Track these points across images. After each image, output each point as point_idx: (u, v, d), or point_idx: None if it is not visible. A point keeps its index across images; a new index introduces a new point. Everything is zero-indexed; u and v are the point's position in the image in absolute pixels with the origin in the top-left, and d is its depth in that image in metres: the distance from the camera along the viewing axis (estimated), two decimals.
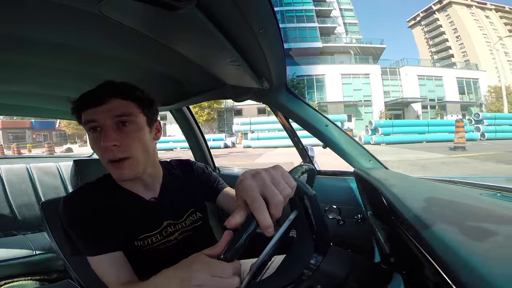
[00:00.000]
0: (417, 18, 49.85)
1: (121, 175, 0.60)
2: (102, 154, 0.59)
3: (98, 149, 0.59)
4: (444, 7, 43.44)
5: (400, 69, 23.92)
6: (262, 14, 0.52)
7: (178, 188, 0.76)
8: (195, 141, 1.59)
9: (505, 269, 0.19)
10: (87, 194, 0.65)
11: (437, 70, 25.24)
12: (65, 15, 0.53)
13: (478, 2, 42.38)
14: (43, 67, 0.85)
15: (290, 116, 1.10)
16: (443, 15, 44.12)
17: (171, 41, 0.64)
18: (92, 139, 0.60)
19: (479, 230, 0.30)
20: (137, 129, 0.62)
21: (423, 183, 0.70)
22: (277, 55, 0.73)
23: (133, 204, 0.67)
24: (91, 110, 0.58)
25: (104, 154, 0.58)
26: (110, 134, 0.57)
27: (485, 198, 0.65)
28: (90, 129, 0.59)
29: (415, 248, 0.41)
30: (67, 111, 0.67)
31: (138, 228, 0.66)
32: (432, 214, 0.36)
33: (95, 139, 0.59)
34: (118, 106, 0.59)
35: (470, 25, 40.86)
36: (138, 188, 0.69)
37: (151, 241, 0.66)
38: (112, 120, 0.58)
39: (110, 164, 0.59)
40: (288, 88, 1.01)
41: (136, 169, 0.62)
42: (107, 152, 0.58)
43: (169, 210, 0.71)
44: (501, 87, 21.31)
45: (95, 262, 0.60)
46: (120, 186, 0.68)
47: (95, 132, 0.59)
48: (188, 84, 1.03)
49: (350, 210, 1.09)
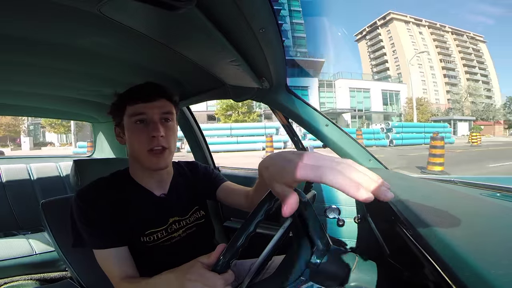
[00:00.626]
0: (363, 32, 52.68)
1: (158, 163, 0.67)
2: (145, 143, 0.65)
3: (142, 138, 0.65)
4: (386, 23, 46.54)
5: (336, 82, 26.79)
6: (262, 14, 0.52)
7: (185, 187, 0.79)
8: (195, 141, 1.59)
9: (504, 269, 0.19)
10: (101, 189, 0.67)
11: (365, 82, 28.33)
12: (65, 15, 0.53)
13: (415, 19, 46.20)
14: (43, 67, 0.85)
15: (290, 116, 1.10)
16: (384, 31, 47.29)
17: (171, 41, 0.64)
18: (135, 130, 0.66)
19: (479, 230, 0.30)
20: (174, 126, 0.71)
21: (423, 183, 0.70)
22: (277, 55, 0.73)
23: (144, 200, 0.70)
24: (141, 105, 0.65)
25: (148, 143, 0.65)
26: (159, 126, 0.65)
27: (485, 198, 0.65)
28: (137, 121, 0.66)
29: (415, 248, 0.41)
30: (67, 111, 0.68)
31: (146, 223, 0.68)
32: (432, 214, 0.36)
33: (140, 130, 0.66)
34: (164, 105, 0.68)
35: (405, 40, 44.56)
36: (152, 184, 0.72)
37: (157, 237, 0.69)
38: (159, 116, 0.67)
39: (150, 153, 0.65)
40: (288, 88, 1.01)
41: (168, 160, 0.70)
42: (153, 141, 0.65)
43: (175, 207, 0.74)
44: (412, 98, 25.42)
45: (100, 255, 0.62)
46: (134, 181, 0.72)
47: (141, 123, 0.66)
48: (188, 84, 1.03)
49: (350, 210, 1.09)
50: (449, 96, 40.87)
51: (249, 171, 1.58)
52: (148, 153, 0.66)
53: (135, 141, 0.67)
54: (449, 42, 47.44)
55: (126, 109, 0.67)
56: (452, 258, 0.23)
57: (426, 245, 0.28)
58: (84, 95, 1.29)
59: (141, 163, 0.68)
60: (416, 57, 40.37)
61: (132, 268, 0.62)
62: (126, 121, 0.68)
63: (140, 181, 0.72)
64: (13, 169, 1.76)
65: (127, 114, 0.67)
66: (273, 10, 0.52)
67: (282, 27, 28.75)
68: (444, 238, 0.25)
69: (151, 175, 0.72)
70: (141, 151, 0.66)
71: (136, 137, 0.66)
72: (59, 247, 0.78)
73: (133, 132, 0.66)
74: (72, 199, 0.65)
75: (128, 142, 0.69)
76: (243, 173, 1.55)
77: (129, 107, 0.66)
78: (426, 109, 28.75)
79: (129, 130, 0.67)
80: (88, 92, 1.24)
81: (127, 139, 0.69)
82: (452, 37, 48.16)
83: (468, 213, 0.39)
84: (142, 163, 0.68)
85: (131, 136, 0.67)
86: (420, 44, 44.30)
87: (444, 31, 47.96)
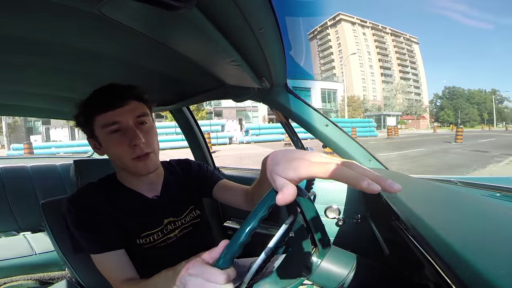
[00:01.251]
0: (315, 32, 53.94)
1: (147, 168, 0.64)
2: (128, 152, 0.61)
3: (122, 149, 0.61)
4: (335, 24, 49.36)
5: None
6: (262, 14, 0.52)
7: (178, 186, 0.77)
8: (195, 141, 1.59)
9: (505, 269, 0.19)
10: (91, 193, 0.66)
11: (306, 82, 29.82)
12: (65, 15, 0.53)
13: (361, 20, 49.38)
14: (43, 67, 0.85)
15: (290, 116, 1.10)
16: (333, 31, 50.13)
17: (171, 41, 0.64)
18: (113, 140, 0.61)
19: (479, 230, 0.30)
20: (152, 127, 0.67)
21: (423, 183, 0.70)
22: (277, 55, 0.73)
23: (137, 203, 0.69)
24: (110, 113, 0.60)
25: (131, 151, 0.61)
26: (137, 133, 0.61)
27: (485, 198, 0.65)
28: (112, 131, 0.61)
29: (415, 248, 0.41)
30: (67, 111, 0.68)
31: (141, 226, 0.67)
32: (432, 214, 0.36)
33: (118, 140, 0.61)
34: (136, 107, 0.63)
35: (350, 40, 47.83)
36: (142, 187, 0.71)
37: (153, 239, 0.68)
38: (134, 120, 0.62)
39: (136, 160, 0.62)
40: (288, 88, 1.01)
41: (157, 162, 0.67)
42: (136, 149, 0.61)
43: (170, 208, 0.73)
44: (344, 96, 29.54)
45: (98, 259, 0.61)
46: (124, 186, 0.70)
47: (117, 132, 0.61)
48: (188, 84, 1.03)
49: (350, 210, 1.08)
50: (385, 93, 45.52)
51: (249, 171, 1.58)
52: (134, 161, 0.63)
53: (116, 153, 0.63)
54: (388, 43, 51.77)
55: (95, 120, 0.62)
56: (453, 258, 0.23)
57: (426, 245, 0.28)
58: (84, 95, 1.29)
59: (128, 170, 0.66)
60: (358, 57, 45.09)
61: (131, 270, 0.61)
62: (99, 132, 0.62)
63: (130, 185, 0.70)
64: (13, 169, 1.76)
65: (98, 125, 0.62)
66: (273, 10, 0.52)
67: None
68: (444, 238, 0.25)
69: (141, 179, 0.69)
70: (125, 160, 0.63)
71: (116, 148, 0.62)
72: (59, 247, 0.78)
73: (111, 144, 0.62)
74: (63, 207, 0.63)
75: (109, 154, 0.65)
76: (242, 173, 1.55)
77: (98, 117, 0.61)
78: (359, 106, 33.09)
79: (106, 141, 0.62)
80: (88, 92, 1.24)
81: (105, 150, 0.65)
82: (391, 38, 52.47)
83: (468, 213, 0.39)
84: (130, 170, 0.65)
85: (109, 148, 0.63)
86: (362, 45, 48.31)
87: (385, 33, 52.00)
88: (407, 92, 46.56)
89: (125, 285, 0.58)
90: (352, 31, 48.57)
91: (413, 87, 50.84)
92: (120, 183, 0.70)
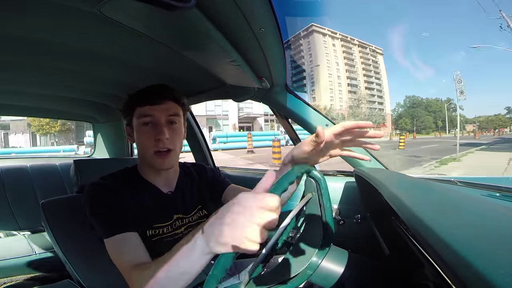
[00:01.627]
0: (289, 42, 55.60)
1: (163, 164, 0.70)
2: (151, 144, 0.68)
3: (148, 140, 0.68)
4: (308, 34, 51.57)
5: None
6: (262, 14, 0.52)
7: (191, 186, 0.82)
8: (195, 142, 1.59)
9: (505, 269, 0.19)
10: (115, 180, 0.70)
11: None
12: (65, 15, 0.53)
13: (332, 32, 52.19)
14: (43, 67, 0.85)
15: (290, 116, 1.10)
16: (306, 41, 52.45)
17: (171, 41, 0.64)
18: (143, 132, 0.69)
19: (479, 230, 0.30)
20: (180, 128, 0.73)
21: (423, 183, 0.70)
22: (277, 55, 0.73)
23: (152, 195, 0.73)
24: (148, 107, 0.68)
25: (154, 144, 0.68)
26: (165, 129, 0.68)
27: (485, 198, 0.65)
28: (144, 123, 0.68)
29: (415, 248, 0.41)
30: (67, 111, 0.68)
31: (153, 217, 0.70)
32: (432, 214, 0.36)
33: (147, 131, 0.68)
34: (171, 107, 0.70)
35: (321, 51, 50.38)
36: (159, 182, 0.75)
37: (162, 232, 0.71)
38: (165, 118, 0.69)
39: (156, 154, 0.68)
40: (288, 88, 1.01)
41: (174, 160, 0.73)
42: (158, 143, 0.68)
43: (180, 205, 0.77)
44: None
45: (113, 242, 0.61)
46: (143, 179, 0.74)
47: (148, 125, 0.68)
48: (188, 84, 1.03)
49: (350, 210, 1.08)
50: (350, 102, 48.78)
51: (249, 171, 1.58)
52: (154, 154, 0.69)
53: (142, 142, 0.70)
54: (355, 54, 54.19)
55: (135, 110, 0.69)
56: (453, 258, 0.23)
57: (426, 244, 0.28)
58: (84, 95, 1.29)
59: (147, 162, 0.72)
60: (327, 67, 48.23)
61: (145, 255, 0.60)
62: (135, 122, 0.70)
63: (148, 178, 0.74)
64: (13, 169, 1.76)
65: (136, 115, 0.69)
66: (273, 10, 0.52)
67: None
68: (444, 238, 0.25)
69: (159, 173, 0.74)
70: (147, 151, 0.69)
71: (143, 138, 0.69)
72: (59, 247, 0.78)
73: (140, 133, 0.69)
74: (86, 191, 0.66)
75: (137, 142, 0.72)
76: (243, 173, 1.55)
77: (138, 109, 0.69)
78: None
79: (137, 131, 0.70)
80: (88, 92, 1.24)
81: (135, 139, 0.71)
82: (358, 49, 55.09)
83: (468, 213, 0.39)
84: (149, 163, 0.71)
85: (138, 137, 0.70)
86: (331, 56, 50.78)
87: (353, 44, 54.49)
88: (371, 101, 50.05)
89: (136, 270, 0.55)
90: (323, 42, 50.99)
91: (377, 96, 54.05)
92: (140, 175, 0.75)
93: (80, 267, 0.78)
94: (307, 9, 27.65)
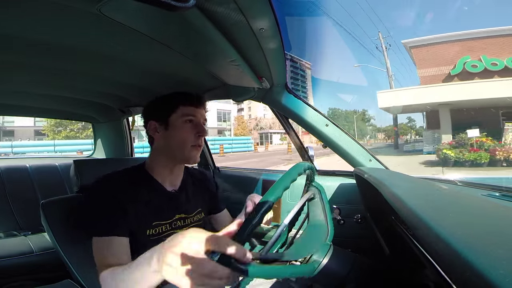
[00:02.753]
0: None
1: (197, 157, 0.79)
2: (192, 139, 0.76)
3: (190, 135, 0.76)
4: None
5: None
6: (262, 14, 0.52)
7: (193, 188, 0.85)
8: None
9: (505, 269, 0.19)
10: (120, 177, 0.72)
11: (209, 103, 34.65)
12: (65, 15, 0.53)
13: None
14: (43, 67, 0.85)
15: (290, 116, 1.10)
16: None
17: (171, 41, 0.64)
18: (186, 128, 0.76)
19: (479, 229, 0.30)
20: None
21: (423, 183, 0.70)
22: (277, 55, 0.73)
23: (156, 192, 0.76)
24: (193, 108, 0.77)
25: (194, 139, 0.77)
26: (204, 128, 0.79)
27: (485, 198, 0.65)
28: (187, 120, 0.76)
29: (415, 248, 0.41)
30: (67, 111, 0.68)
31: (154, 214, 0.72)
32: (432, 214, 0.36)
33: (189, 127, 0.77)
34: (204, 112, 0.82)
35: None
36: (166, 179, 0.79)
37: (161, 230, 0.72)
38: (202, 120, 0.80)
39: (193, 147, 0.77)
40: (288, 88, 1.01)
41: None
42: (199, 139, 0.77)
43: (183, 205, 0.79)
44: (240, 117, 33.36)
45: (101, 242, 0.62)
46: (149, 175, 0.77)
47: (189, 123, 0.77)
48: (188, 84, 1.03)
49: (350, 210, 1.08)
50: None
51: (249, 171, 1.58)
52: (192, 148, 0.76)
53: (184, 136, 0.76)
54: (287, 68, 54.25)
55: (179, 108, 0.76)
56: (453, 257, 0.23)
57: (426, 244, 0.28)
58: (84, 95, 1.29)
59: (178, 155, 0.76)
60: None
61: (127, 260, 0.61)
62: (176, 118, 0.76)
63: (156, 176, 0.77)
64: (13, 169, 1.76)
65: (179, 113, 0.76)
66: (273, 10, 0.52)
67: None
68: (444, 237, 0.25)
69: (171, 170, 0.79)
70: (187, 145, 0.76)
71: (185, 133, 0.76)
72: (59, 247, 0.78)
73: (183, 129, 0.76)
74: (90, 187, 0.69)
75: (171, 136, 0.76)
76: (243, 173, 1.56)
77: (183, 107, 0.76)
78: (245, 125, 39.51)
79: (178, 127, 0.76)
80: (88, 92, 1.24)
81: (168, 133, 0.76)
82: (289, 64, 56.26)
83: (468, 213, 0.39)
84: (181, 156, 0.76)
85: (178, 132, 0.76)
86: None
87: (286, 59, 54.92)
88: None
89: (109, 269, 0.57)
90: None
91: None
92: (147, 172, 0.78)
93: (80, 267, 0.78)
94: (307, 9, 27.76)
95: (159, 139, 0.78)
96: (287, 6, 1.50)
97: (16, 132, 19.92)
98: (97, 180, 0.70)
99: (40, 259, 1.34)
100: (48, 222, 0.80)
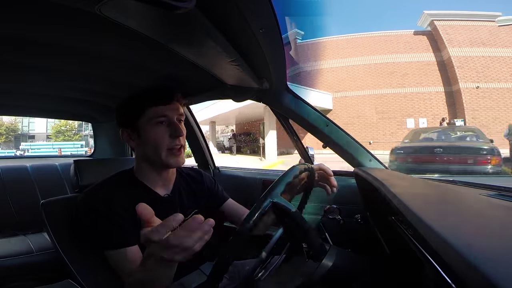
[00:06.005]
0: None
1: (179, 161, 0.72)
2: (167, 142, 0.69)
3: (163, 139, 0.69)
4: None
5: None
6: (262, 14, 0.52)
7: (187, 189, 0.82)
8: (195, 142, 1.59)
9: (506, 269, 0.19)
10: (109, 189, 0.69)
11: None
12: (65, 15, 0.53)
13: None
14: (43, 67, 0.85)
15: (290, 116, 1.10)
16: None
17: (171, 41, 0.64)
18: (157, 131, 0.69)
19: (479, 229, 0.30)
20: (184, 126, 0.75)
21: (423, 183, 0.70)
22: (277, 55, 0.73)
23: (149, 200, 0.73)
24: (161, 107, 0.69)
25: (170, 141, 0.69)
26: (179, 127, 0.70)
27: (485, 198, 0.65)
28: (158, 122, 0.69)
29: (415, 248, 0.41)
30: (67, 111, 0.68)
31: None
32: (432, 214, 0.36)
33: (162, 130, 0.69)
34: (179, 107, 0.73)
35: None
36: (157, 184, 0.74)
37: None
38: (177, 117, 0.71)
39: (170, 151, 0.70)
40: (288, 88, 1.01)
41: (184, 158, 0.74)
42: (175, 140, 0.70)
43: (177, 207, 0.76)
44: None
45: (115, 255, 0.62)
46: (138, 181, 0.73)
47: (161, 125, 0.70)
48: (188, 84, 1.03)
49: (350, 210, 1.08)
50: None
51: (249, 171, 1.58)
52: (168, 151, 0.69)
53: (157, 141, 0.69)
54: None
55: (146, 111, 0.69)
56: (453, 257, 0.23)
57: (426, 244, 0.28)
58: (84, 95, 1.29)
59: (158, 162, 0.70)
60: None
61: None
62: (144, 122, 0.69)
63: (145, 181, 0.73)
64: (13, 169, 1.76)
65: (147, 116, 0.69)
66: (273, 10, 0.52)
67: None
68: (444, 237, 0.25)
69: (159, 174, 0.74)
70: (162, 150, 0.69)
71: (158, 137, 0.69)
72: (59, 247, 0.78)
73: (155, 133, 0.69)
74: (79, 202, 0.66)
75: (144, 143, 0.70)
76: (243, 173, 1.55)
77: (149, 110, 0.69)
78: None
79: (149, 131, 0.69)
80: (88, 92, 1.24)
81: (141, 140, 0.70)
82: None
83: (468, 213, 0.39)
84: (160, 161, 0.70)
85: (151, 136, 0.69)
86: None
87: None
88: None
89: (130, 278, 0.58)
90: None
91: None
92: (136, 178, 0.73)
93: (80, 267, 0.78)
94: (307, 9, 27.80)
95: (136, 147, 0.73)
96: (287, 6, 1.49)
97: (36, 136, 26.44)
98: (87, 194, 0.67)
99: (40, 259, 1.34)
100: (48, 222, 0.80)
